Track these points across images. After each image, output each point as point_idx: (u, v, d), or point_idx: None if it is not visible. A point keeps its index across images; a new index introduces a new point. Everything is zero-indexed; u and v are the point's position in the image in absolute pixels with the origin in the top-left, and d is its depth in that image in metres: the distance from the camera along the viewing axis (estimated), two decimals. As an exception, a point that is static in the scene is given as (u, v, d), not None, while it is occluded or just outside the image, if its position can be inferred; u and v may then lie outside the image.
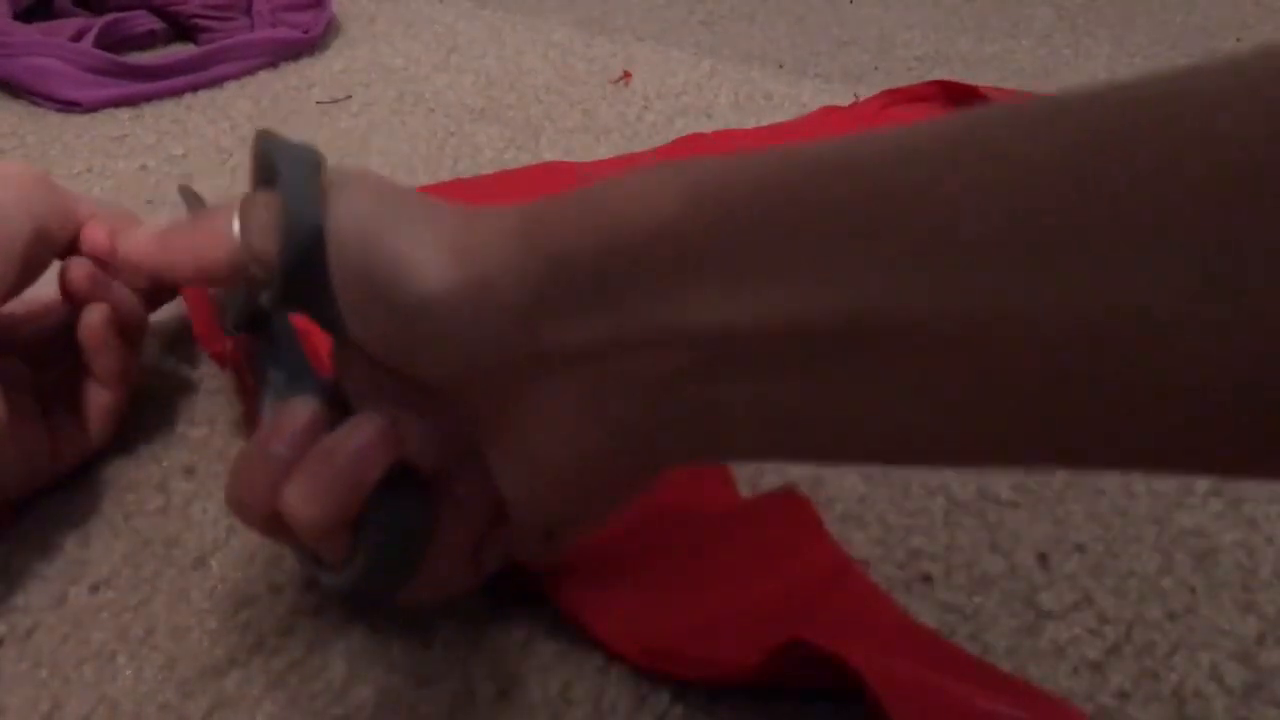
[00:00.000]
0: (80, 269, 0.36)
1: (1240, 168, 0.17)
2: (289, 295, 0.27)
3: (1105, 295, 0.18)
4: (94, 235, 0.36)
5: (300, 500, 0.26)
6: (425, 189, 0.59)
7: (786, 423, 0.24)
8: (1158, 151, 0.18)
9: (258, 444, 0.28)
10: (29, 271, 0.35)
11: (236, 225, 0.28)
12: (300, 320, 0.30)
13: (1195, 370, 0.18)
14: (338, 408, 0.29)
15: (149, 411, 0.42)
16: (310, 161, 0.28)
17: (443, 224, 0.27)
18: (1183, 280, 0.18)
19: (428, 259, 0.26)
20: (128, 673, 0.31)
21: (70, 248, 0.36)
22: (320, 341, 0.42)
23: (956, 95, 0.70)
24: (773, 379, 0.23)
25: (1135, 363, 0.19)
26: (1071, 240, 0.19)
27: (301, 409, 0.28)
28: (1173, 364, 0.18)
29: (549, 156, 0.64)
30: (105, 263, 0.36)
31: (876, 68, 0.81)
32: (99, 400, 0.37)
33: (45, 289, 0.36)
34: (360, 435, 0.27)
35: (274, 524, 0.28)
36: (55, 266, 0.36)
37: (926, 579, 0.35)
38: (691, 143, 0.64)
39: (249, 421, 0.41)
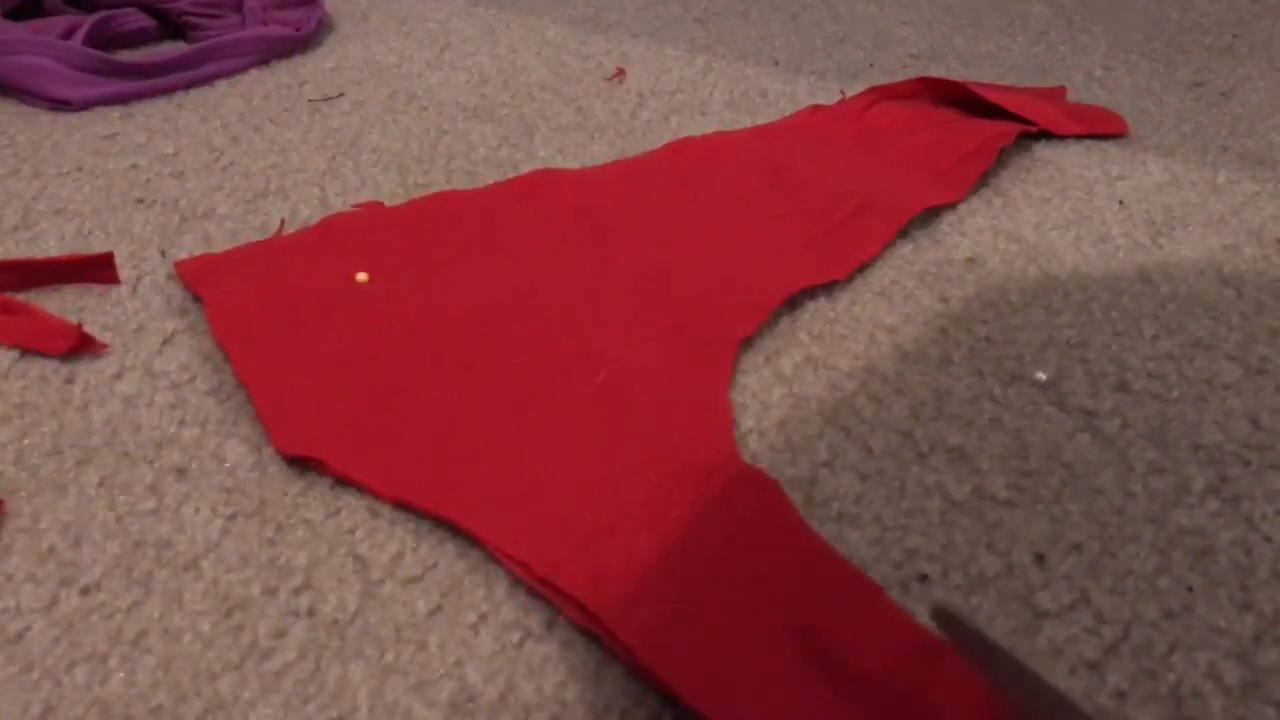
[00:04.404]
0: None
1: None
2: None
3: None
4: None
5: None
6: (418, 199, 0.59)
7: None
8: None
9: None
10: None
11: None
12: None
13: None
14: None
15: (142, 411, 0.42)
16: None
17: None
18: None
19: None
20: (120, 676, 0.31)
21: None
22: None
23: (943, 92, 0.70)
24: None
25: None
26: None
27: None
28: None
29: (543, 154, 0.64)
30: None
31: (872, 65, 0.81)
32: None
33: None
34: None
35: None
36: None
37: (923, 578, 0.35)
38: (681, 147, 0.63)
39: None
